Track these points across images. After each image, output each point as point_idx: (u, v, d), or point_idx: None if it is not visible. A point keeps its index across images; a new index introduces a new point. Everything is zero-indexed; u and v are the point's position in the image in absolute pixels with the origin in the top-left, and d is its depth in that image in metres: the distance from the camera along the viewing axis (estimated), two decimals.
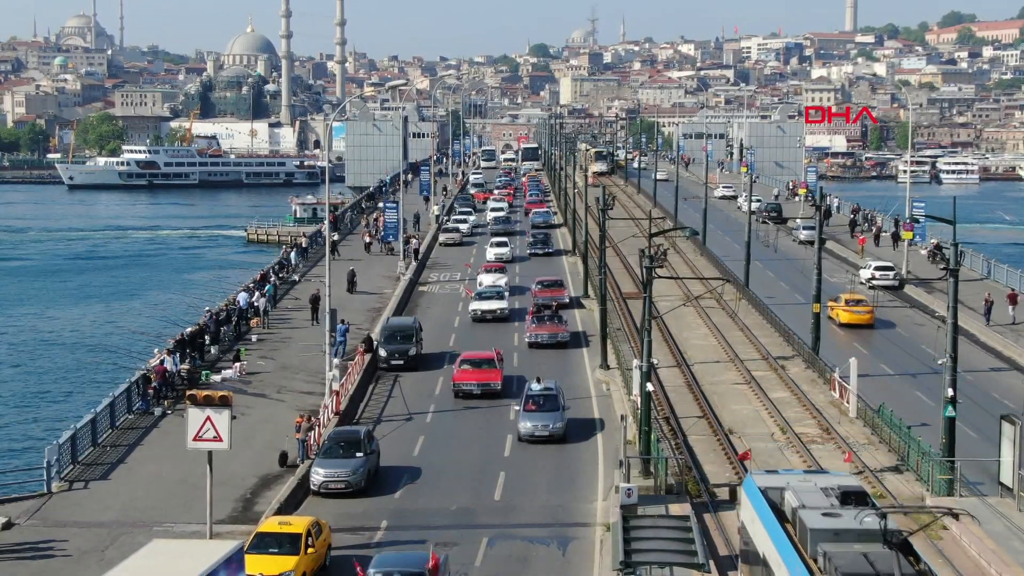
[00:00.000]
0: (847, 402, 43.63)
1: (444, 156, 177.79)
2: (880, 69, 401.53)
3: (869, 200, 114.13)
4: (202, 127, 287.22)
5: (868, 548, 21.36)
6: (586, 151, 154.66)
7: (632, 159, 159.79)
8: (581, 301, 66.42)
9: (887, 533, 21.07)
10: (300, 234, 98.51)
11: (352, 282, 68.43)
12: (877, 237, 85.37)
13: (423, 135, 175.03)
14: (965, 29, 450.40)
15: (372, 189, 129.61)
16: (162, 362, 45.58)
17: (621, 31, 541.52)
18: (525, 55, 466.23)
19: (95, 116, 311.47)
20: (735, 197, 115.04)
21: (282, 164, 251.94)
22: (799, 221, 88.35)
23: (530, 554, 31.45)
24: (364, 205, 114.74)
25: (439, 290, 72.24)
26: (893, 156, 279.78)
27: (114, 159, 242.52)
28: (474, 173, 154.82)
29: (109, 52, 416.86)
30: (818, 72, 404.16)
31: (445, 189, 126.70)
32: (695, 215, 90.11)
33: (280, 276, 71.73)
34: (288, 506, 34.27)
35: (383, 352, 51.97)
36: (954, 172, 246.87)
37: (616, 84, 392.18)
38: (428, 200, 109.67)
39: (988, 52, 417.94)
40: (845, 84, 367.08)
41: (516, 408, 42.20)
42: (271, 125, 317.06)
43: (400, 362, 51.75)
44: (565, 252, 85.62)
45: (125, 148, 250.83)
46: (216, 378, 47.40)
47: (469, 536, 32.40)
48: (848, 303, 60.77)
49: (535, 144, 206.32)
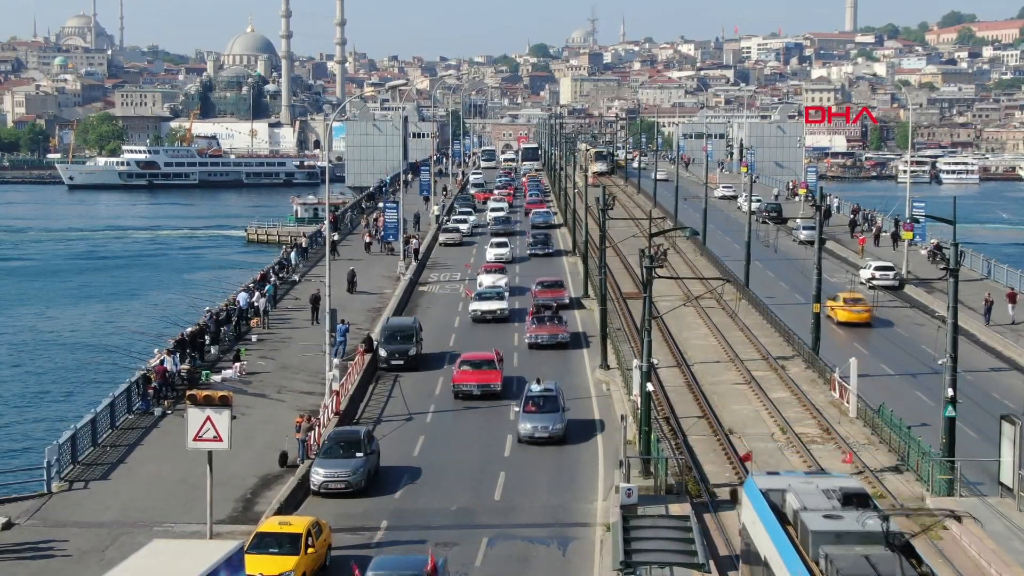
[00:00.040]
0: (847, 402, 43.62)
1: (444, 156, 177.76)
2: (880, 69, 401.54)
3: (869, 200, 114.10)
4: (202, 127, 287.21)
5: (870, 550, 21.24)
6: (586, 151, 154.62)
7: (632, 159, 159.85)
8: (581, 302, 66.38)
9: (889, 535, 21.02)
10: (300, 234, 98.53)
11: (352, 282, 68.44)
12: (877, 237, 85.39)
13: (423, 135, 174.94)
14: (965, 29, 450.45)
15: (372, 189, 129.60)
16: (162, 362, 45.58)
17: (621, 31, 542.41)
18: (525, 55, 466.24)
19: (95, 116, 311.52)
20: (735, 197, 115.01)
21: (282, 164, 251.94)
22: (799, 221, 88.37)
23: (530, 554, 31.46)
24: (364, 205, 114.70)
25: (439, 290, 72.23)
26: (893, 156, 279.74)
27: (114, 159, 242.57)
28: (474, 173, 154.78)
29: (109, 52, 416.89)
30: (818, 72, 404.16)
31: (445, 189, 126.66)
32: (695, 215, 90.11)
33: (280, 276, 71.74)
34: (288, 506, 34.28)
35: (383, 352, 51.97)
36: (954, 172, 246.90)
37: (616, 84, 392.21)
38: (428, 200, 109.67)
39: (988, 52, 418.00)
40: (845, 84, 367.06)
41: (516, 409, 42.15)
42: (271, 125, 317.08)
43: (400, 362, 51.75)
44: (565, 252, 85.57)
45: (125, 148, 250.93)
46: (216, 378, 47.39)
47: (469, 536, 32.40)
48: (846, 302, 61.00)
49: (535, 144, 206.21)
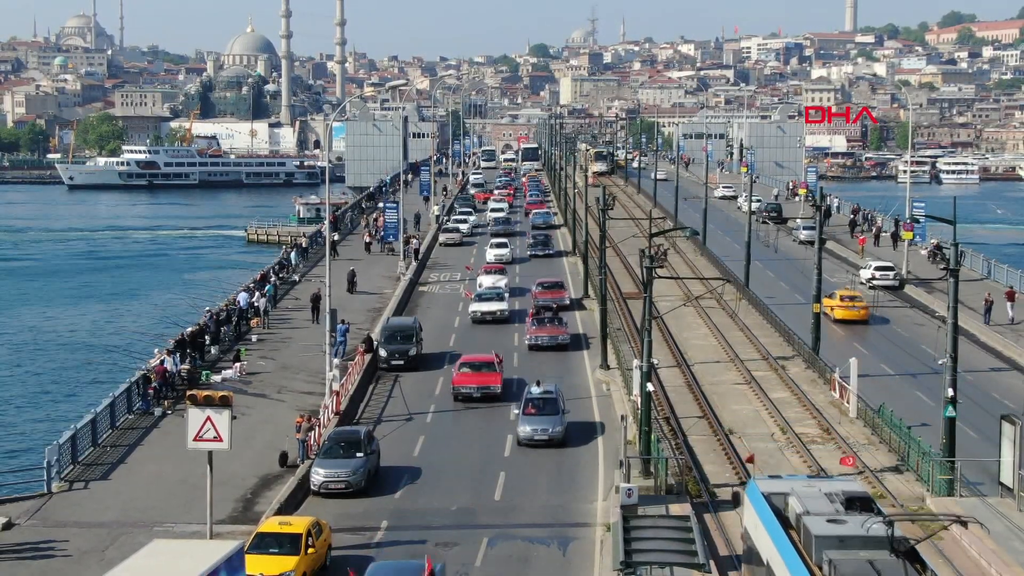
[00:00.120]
0: (847, 402, 43.62)
1: (444, 156, 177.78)
2: (880, 69, 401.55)
3: (869, 200, 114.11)
4: (202, 127, 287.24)
5: (874, 555, 21.05)
6: (586, 151, 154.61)
7: (632, 159, 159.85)
8: (582, 302, 66.36)
9: (893, 540, 20.87)
10: (300, 234, 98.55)
11: (352, 282, 68.45)
12: (877, 237, 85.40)
13: (423, 135, 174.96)
14: (965, 29, 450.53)
15: (372, 189, 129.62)
16: (162, 362, 45.58)
17: (621, 31, 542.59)
18: (525, 55, 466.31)
19: (95, 116, 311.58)
20: (735, 197, 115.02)
21: (282, 164, 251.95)
22: (799, 221, 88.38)
23: (530, 554, 31.45)
24: (364, 205, 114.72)
25: (439, 290, 72.24)
26: (893, 156, 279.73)
27: (114, 159, 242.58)
28: (474, 173, 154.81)
29: (109, 52, 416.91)
30: (818, 72, 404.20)
31: (445, 189, 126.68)
32: (695, 215, 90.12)
33: (280, 276, 71.76)
34: (288, 506, 34.27)
35: (383, 352, 51.96)
36: (954, 172, 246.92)
37: (616, 84, 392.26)
38: (428, 200, 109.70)
39: (988, 52, 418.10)
40: (845, 84, 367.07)
41: (516, 411, 42.04)
42: (271, 125, 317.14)
43: (400, 362, 51.73)
44: (565, 253, 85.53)
45: (125, 148, 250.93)
46: (216, 378, 47.38)
47: (469, 536, 32.40)
48: (843, 299, 61.40)
49: (535, 144, 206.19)
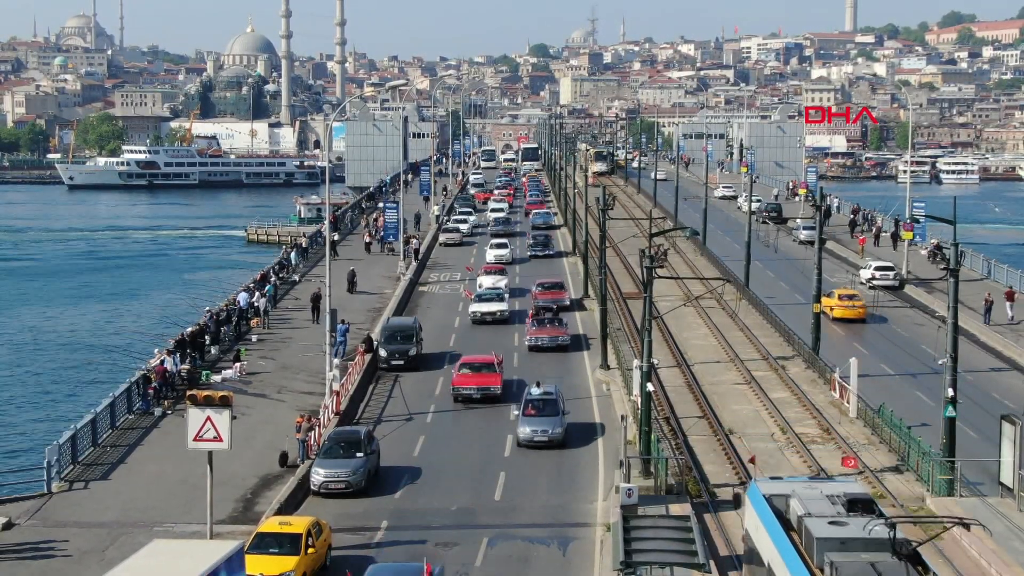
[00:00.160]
0: (847, 402, 43.63)
1: (444, 156, 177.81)
2: (880, 69, 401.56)
3: (869, 200, 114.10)
4: (202, 127, 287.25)
5: (876, 558, 20.96)
6: (586, 151, 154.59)
7: (632, 159, 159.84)
8: (582, 303, 66.33)
9: (896, 543, 20.81)
10: (300, 234, 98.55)
11: (352, 282, 68.45)
12: (877, 237, 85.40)
13: (423, 135, 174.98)
14: (965, 29, 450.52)
15: (372, 189, 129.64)
16: (162, 362, 45.58)
17: (621, 31, 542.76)
18: (525, 55, 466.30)
19: (95, 116, 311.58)
20: (735, 197, 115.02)
21: (282, 164, 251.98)
22: (799, 221, 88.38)
23: (530, 554, 31.46)
24: (364, 205, 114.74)
25: (439, 290, 72.24)
26: (893, 156, 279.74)
27: (114, 159, 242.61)
28: (474, 173, 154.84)
29: (109, 52, 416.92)
30: (818, 72, 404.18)
31: (445, 189, 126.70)
32: (695, 215, 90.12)
33: (280, 276, 71.76)
34: (288, 506, 34.27)
35: (383, 352, 51.96)
36: (954, 172, 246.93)
37: (616, 84, 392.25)
38: (428, 200, 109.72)
39: (988, 52, 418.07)
40: (845, 84, 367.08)
41: (516, 413, 41.99)
42: (271, 125, 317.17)
43: (400, 362, 51.73)
44: (566, 254, 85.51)
45: (125, 148, 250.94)
46: (216, 378, 47.38)
47: (469, 536, 32.41)
48: (841, 298, 61.70)
49: (535, 144, 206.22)
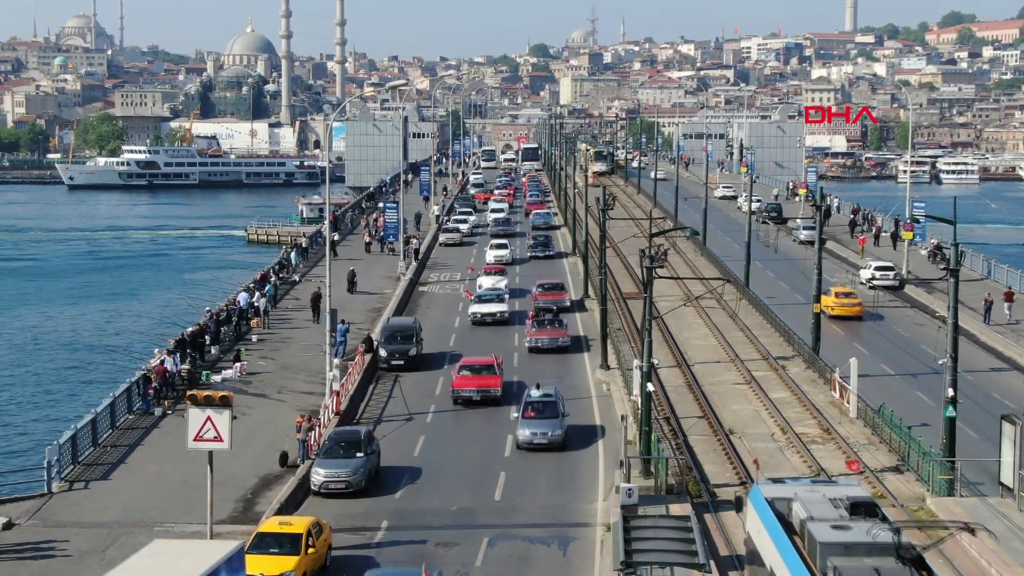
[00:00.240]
0: (847, 402, 43.63)
1: (444, 156, 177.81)
2: (880, 69, 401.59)
3: (869, 200, 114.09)
4: (202, 127, 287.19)
5: (880, 562, 20.88)
6: (586, 151, 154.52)
7: (632, 159, 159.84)
8: (582, 303, 66.28)
9: (900, 547, 20.74)
10: (300, 234, 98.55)
11: (352, 282, 68.45)
12: (877, 237, 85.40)
13: (423, 135, 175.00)
14: (965, 29, 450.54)
15: (372, 189, 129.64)
16: (162, 362, 45.58)
17: (621, 31, 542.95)
18: (525, 55, 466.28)
19: (95, 116, 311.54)
20: (735, 197, 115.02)
21: (282, 164, 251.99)
22: (799, 221, 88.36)
23: (531, 554, 31.46)
24: (364, 205, 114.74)
25: (439, 290, 72.24)
26: (893, 156, 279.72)
27: (114, 159, 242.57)
28: (474, 173, 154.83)
29: (109, 52, 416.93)
30: (818, 72, 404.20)
31: (445, 189, 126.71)
32: (695, 215, 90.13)
33: (280, 276, 71.75)
34: (288, 506, 34.28)
35: (383, 352, 51.95)
36: (954, 172, 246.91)
37: (616, 84, 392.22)
38: (428, 200, 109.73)
39: (988, 52, 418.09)
40: (845, 84, 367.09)
41: (515, 414, 41.86)
42: (271, 125, 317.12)
43: (400, 362, 51.71)
44: (566, 254, 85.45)
45: (125, 148, 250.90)
46: (216, 378, 47.38)
47: (469, 536, 32.41)
48: (838, 296, 62.05)
49: (535, 144, 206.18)
